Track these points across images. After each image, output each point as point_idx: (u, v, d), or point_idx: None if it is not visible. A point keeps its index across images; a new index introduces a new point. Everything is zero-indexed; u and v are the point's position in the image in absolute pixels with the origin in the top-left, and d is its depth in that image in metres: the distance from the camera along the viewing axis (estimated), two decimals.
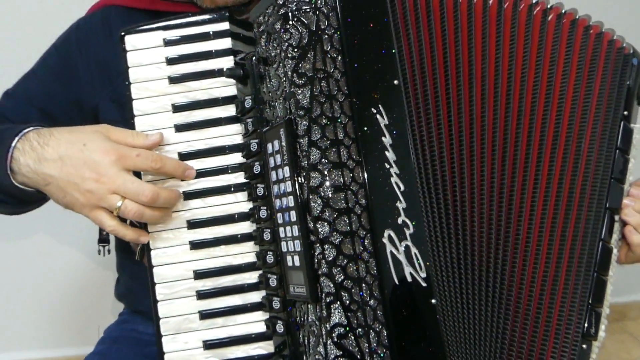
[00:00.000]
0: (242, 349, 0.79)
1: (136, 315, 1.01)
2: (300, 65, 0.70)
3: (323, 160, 0.69)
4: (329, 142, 0.69)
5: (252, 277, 0.80)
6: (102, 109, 0.93)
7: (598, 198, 0.80)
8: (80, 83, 0.96)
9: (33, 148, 0.78)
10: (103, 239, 0.91)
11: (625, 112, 0.83)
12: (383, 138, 0.70)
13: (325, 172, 0.69)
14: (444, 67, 0.76)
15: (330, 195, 0.69)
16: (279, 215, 0.74)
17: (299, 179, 0.70)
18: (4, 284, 1.67)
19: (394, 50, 0.71)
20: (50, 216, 0.79)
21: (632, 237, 0.83)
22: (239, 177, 0.80)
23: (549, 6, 0.82)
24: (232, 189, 0.81)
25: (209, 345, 0.79)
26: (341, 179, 0.69)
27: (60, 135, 0.78)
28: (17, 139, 0.79)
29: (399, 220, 0.69)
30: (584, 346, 0.78)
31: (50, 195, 0.80)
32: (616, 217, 0.82)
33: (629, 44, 0.86)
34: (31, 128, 0.81)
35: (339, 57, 0.70)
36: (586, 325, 0.78)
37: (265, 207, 0.77)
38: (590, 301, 0.79)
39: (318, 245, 0.68)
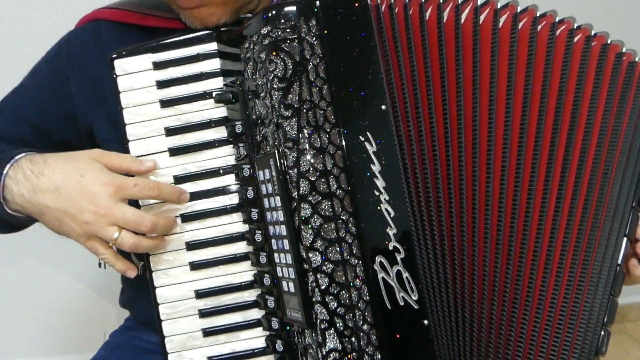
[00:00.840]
0: None
1: (141, 324, 1.04)
2: (286, 97, 0.70)
3: (313, 192, 0.70)
4: (318, 173, 0.70)
5: (251, 295, 0.82)
6: (98, 129, 0.92)
7: (619, 225, 0.81)
8: (73, 99, 0.94)
9: (27, 177, 0.77)
10: None
11: None
12: (372, 165, 0.70)
13: (315, 203, 0.70)
14: (441, 89, 0.75)
15: (320, 226, 0.70)
16: (273, 241, 0.75)
17: (290, 209, 0.71)
18: (10, 290, 1.69)
19: (380, 75, 0.71)
20: None
21: (637, 270, 0.83)
22: (234, 198, 0.82)
23: (575, 26, 0.80)
24: (229, 210, 0.82)
25: None
26: (331, 209, 0.70)
27: (55, 164, 0.77)
28: (8, 166, 0.78)
29: (390, 246, 0.70)
30: None
31: (45, 224, 0.79)
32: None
33: None
34: (23, 154, 0.80)
35: (325, 87, 0.70)
36: (598, 344, 0.80)
37: (260, 232, 0.78)
38: (604, 321, 0.81)
39: (311, 274, 0.70)
